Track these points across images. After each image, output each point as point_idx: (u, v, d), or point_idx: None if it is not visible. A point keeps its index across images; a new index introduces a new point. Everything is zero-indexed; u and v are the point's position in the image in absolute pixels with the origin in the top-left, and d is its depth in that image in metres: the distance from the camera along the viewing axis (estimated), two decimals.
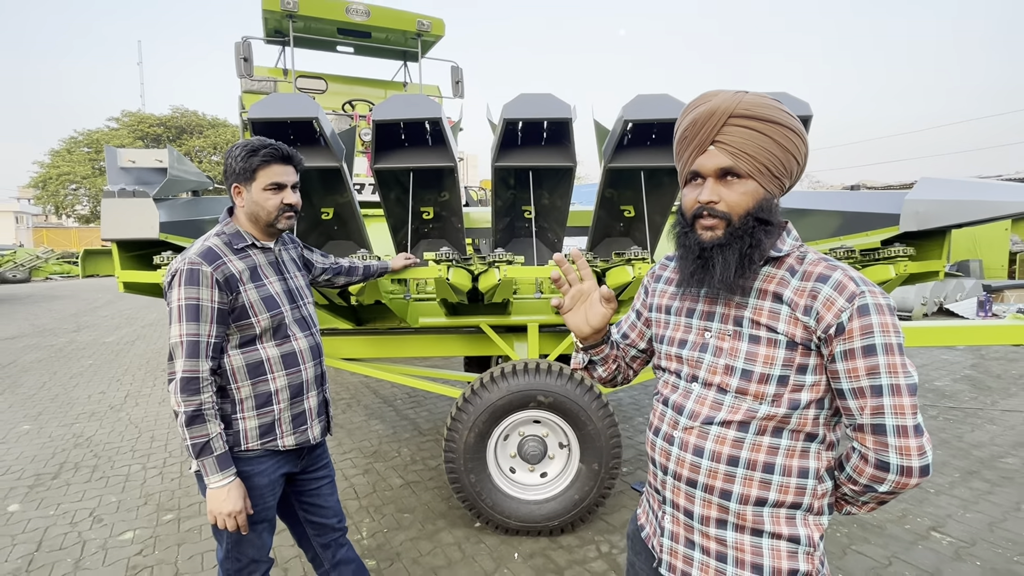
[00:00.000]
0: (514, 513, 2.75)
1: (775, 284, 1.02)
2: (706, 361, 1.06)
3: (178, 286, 1.49)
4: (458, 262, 2.45)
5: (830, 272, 0.98)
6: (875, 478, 0.98)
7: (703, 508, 1.05)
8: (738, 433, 1.01)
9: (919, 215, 2.44)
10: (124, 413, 4.95)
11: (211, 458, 1.48)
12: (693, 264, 1.02)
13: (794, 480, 1.01)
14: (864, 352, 0.94)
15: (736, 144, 0.98)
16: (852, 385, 0.96)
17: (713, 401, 1.04)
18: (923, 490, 3.27)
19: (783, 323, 0.99)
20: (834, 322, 0.95)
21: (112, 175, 2.72)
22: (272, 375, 1.61)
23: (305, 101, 2.23)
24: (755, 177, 0.99)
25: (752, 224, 0.98)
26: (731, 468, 1.02)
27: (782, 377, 0.99)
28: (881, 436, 0.96)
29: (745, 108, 0.98)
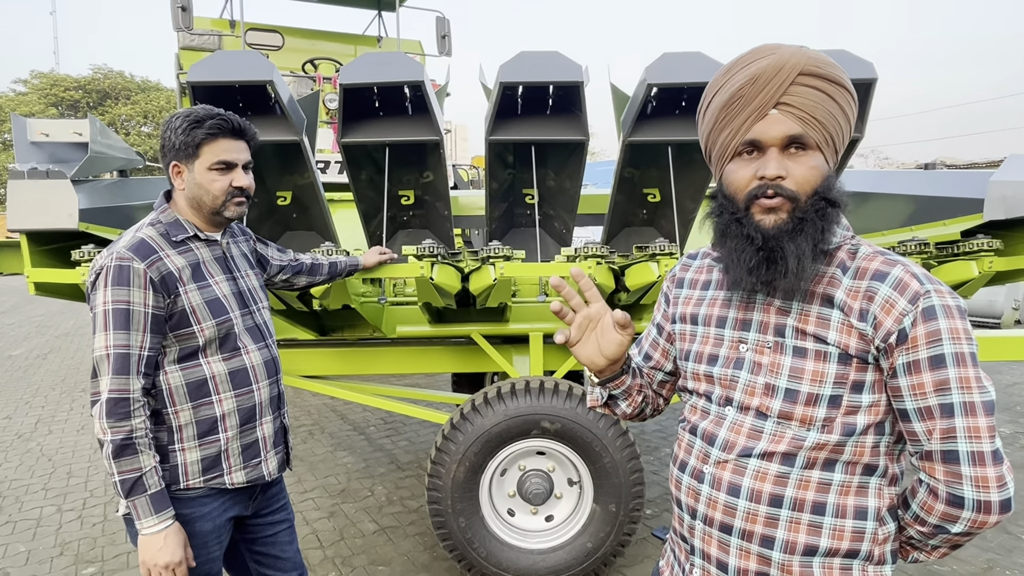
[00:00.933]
0: (513, 565, 2.76)
1: (824, 284, 1.02)
2: (742, 380, 1.07)
3: (104, 287, 1.49)
4: (444, 258, 2.46)
5: (889, 268, 0.98)
6: (947, 516, 0.98)
7: (740, 559, 1.05)
8: (782, 467, 1.01)
9: (1007, 200, 2.45)
10: (35, 443, 4.95)
11: (144, 497, 1.48)
12: (754, 258, 0.99)
13: (850, 522, 1.01)
14: (931, 364, 0.94)
15: (806, 108, 0.97)
16: (917, 404, 0.96)
17: (751, 429, 1.05)
18: (1013, 536, 3.28)
19: (834, 331, 0.99)
20: (895, 328, 0.95)
21: (21, 151, 2.72)
22: (218, 396, 1.61)
23: (257, 60, 2.24)
24: (822, 149, 1.00)
25: (822, 206, 0.98)
26: (774, 510, 1.02)
27: (834, 397, 0.99)
28: (953, 465, 0.95)
29: (816, 66, 0.98)
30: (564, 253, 2.46)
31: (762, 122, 0.99)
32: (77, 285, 2.45)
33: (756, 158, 1.01)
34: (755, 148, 1.01)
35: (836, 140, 1.01)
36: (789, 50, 0.99)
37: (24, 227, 2.39)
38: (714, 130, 1.05)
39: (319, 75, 6.10)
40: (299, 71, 6.26)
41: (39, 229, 2.41)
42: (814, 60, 0.98)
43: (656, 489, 3.91)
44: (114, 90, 30.44)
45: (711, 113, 1.06)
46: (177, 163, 1.61)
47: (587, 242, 2.50)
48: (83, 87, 29.91)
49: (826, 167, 1.00)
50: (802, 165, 0.98)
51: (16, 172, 2.40)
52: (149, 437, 1.51)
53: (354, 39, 7.12)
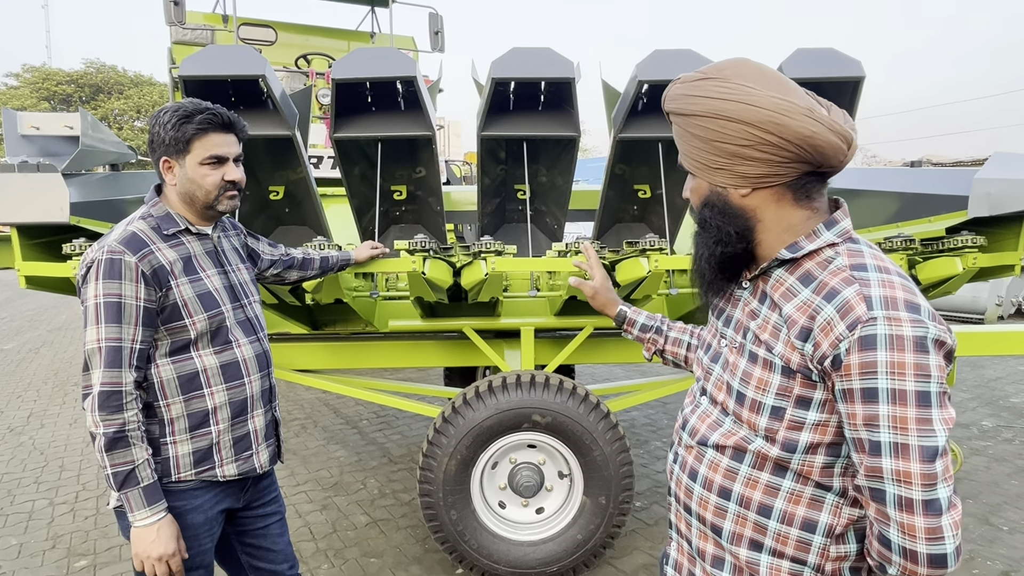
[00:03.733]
0: (504, 557, 2.76)
1: (780, 293, 1.02)
2: (715, 373, 1.13)
3: (95, 280, 1.48)
4: (436, 252, 2.46)
5: (843, 287, 0.92)
6: (882, 555, 0.92)
7: (700, 540, 1.12)
8: (732, 462, 1.05)
9: (991, 197, 2.47)
10: (27, 437, 4.92)
11: (136, 490, 1.48)
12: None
13: (795, 531, 1.00)
14: (863, 396, 0.88)
15: (678, 144, 1.08)
16: (851, 434, 0.92)
17: (713, 420, 1.10)
18: (994, 527, 3.32)
19: (781, 344, 0.98)
20: (830, 353, 0.90)
21: (11, 144, 2.70)
22: (210, 390, 1.61)
23: (249, 55, 2.22)
24: (698, 175, 1.07)
25: (706, 216, 1.06)
26: (722, 501, 1.06)
27: (776, 408, 0.98)
28: (880, 504, 0.90)
29: (671, 105, 1.06)
30: (555, 248, 2.46)
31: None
32: (68, 279, 2.43)
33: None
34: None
35: (709, 162, 1.02)
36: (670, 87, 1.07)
37: (14, 220, 2.37)
38: None
39: (312, 70, 6.07)
40: (292, 66, 6.23)
41: (29, 222, 2.38)
42: (670, 99, 1.06)
43: (645, 482, 3.93)
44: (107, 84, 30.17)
45: None
46: (167, 158, 1.60)
47: (578, 237, 2.50)
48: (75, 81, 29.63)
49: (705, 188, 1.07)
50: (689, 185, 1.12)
51: (6, 165, 2.37)
52: (141, 430, 1.50)
53: (347, 35, 7.08)
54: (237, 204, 1.68)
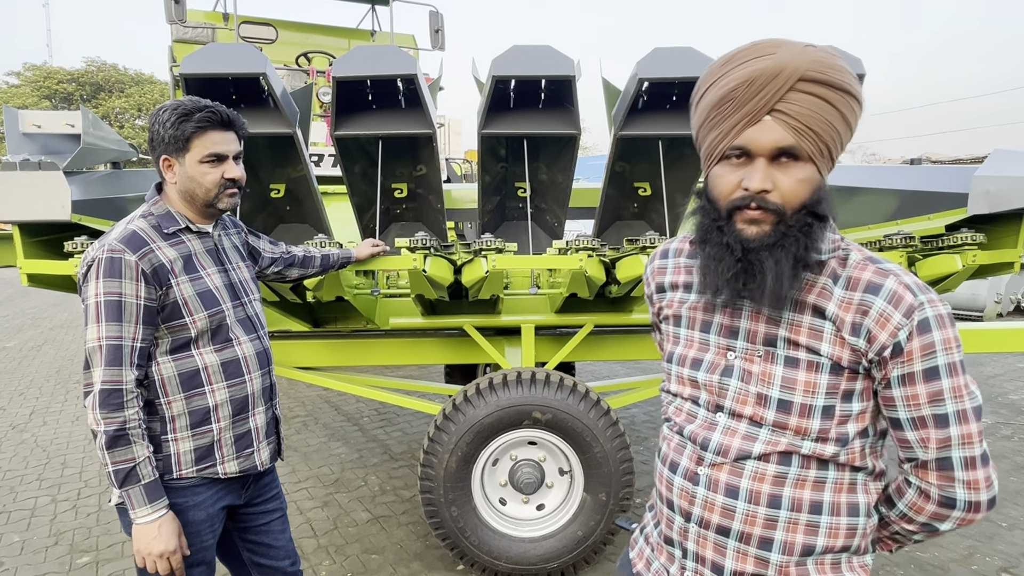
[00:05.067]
0: (504, 553, 2.77)
1: (815, 295, 0.99)
2: (732, 388, 1.04)
3: (95, 279, 1.48)
4: (437, 250, 2.45)
5: (881, 280, 0.95)
6: (937, 516, 1.01)
7: (737, 562, 1.03)
8: (779, 467, 1.00)
9: (991, 195, 2.47)
10: (29, 434, 4.92)
11: (138, 487, 1.48)
12: (732, 269, 0.96)
13: (844, 520, 1.01)
14: (926, 376, 0.94)
15: (802, 117, 0.90)
16: (912, 415, 0.97)
17: (745, 434, 1.02)
18: (993, 524, 3.32)
19: (827, 343, 0.97)
20: (890, 343, 0.94)
21: (12, 142, 2.70)
22: (211, 387, 1.60)
23: (250, 53, 2.22)
24: (815, 160, 0.93)
25: (808, 220, 0.93)
26: (773, 511, 1.00)
27: (827, 408, 0.98)
28: (947, 471, 0.97)
29: (820, 71, 0.90)
30: (556, 246, 2.46)
31: (753, 128, 0.92)
32: (70, 276, 2.43)
33: (744, 164, 0.94)
34: (744, 154, 0.94)
35: (833, 150, 0.95)
36: (792, 50, 0.91)
37: (16, 218, 2.37)
38: (703, 127, 0.99)
39: (313, 68, 6.07)
40: (293, 64, 6.22)
41: (31, 220, 2.38)
42: (818, 64, 0.90)
43: (645, 479, 3.93)
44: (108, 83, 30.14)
45: (702, 109, 0.99)
46: (167, 156, 1.59)
47: (578, 235, 2.50)
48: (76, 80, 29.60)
49: (818, 179, 0.95)
50: (791, 178, 0.93)
51: (8, 164, 2.37)
52: (142, 428, 1.50)
53: (348, 33, 7.07)
54: (237, 202, 1.68)
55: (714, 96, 0.96)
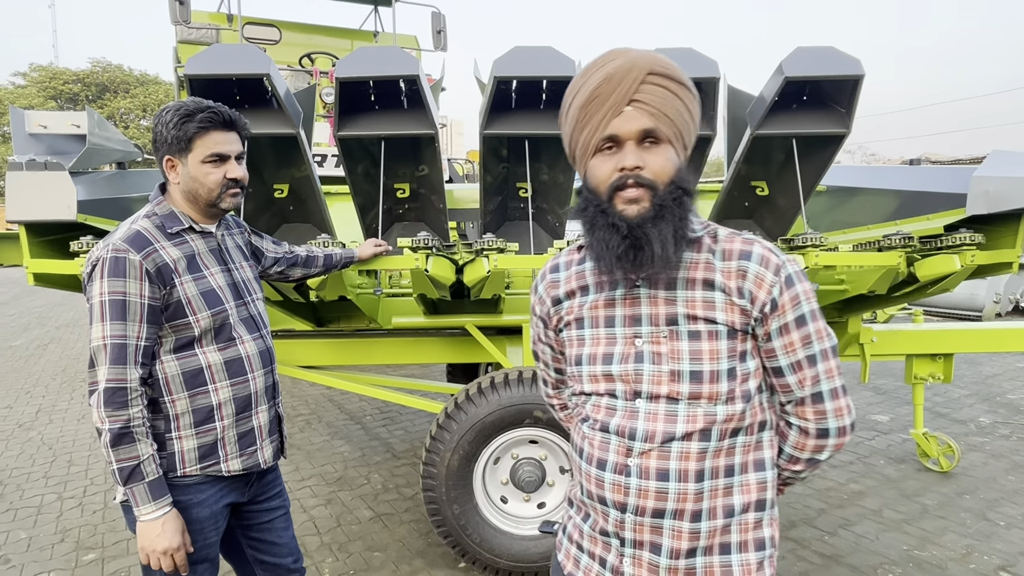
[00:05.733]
0: (506, 551, 2.77)
1: (702, 270, 1.10)
2: (646, 372, 1.10)
3: (100, 278, 1.48)
4: (439, 250, 2.46)
5: (749, 247, 1.09)
6: (817, 448, 1.15)
7: (673, 540, 1.09)
8: (702, 443, 1.08)
9: (989, 195, 2.46)
10: (35, 432, 4.93)
11: (142, 484, 1.48)
12: (621, 245, 1.04)
13: (753, 476, 1.12)
14: (797, 323, 1.09)
15: (656, 104, 1.04)
16: (790, 360, 1.10)
17: (666, 414, 1.09)
18: (991, 523, 3.32)
19: (721, 311, 1.08)
20: (767, 299, 1.07)
21: (19, 143, 2.70)
22: (214, 386, 1.61)
23: (254, 54, 2.22)
24: (673, 143, 1.07)
25: (679, 193, 1.05)
26: (699, 484, 1.08)
27: (730, 370, 1.08)
28: (820, 404, 1.12)
29: (661, 67, 1.05)
30: (557, 246, 2.46)
31: (618, 118, 1.04)
32: (76, 276, 2.44)
33: (615, 152, 1.06)
34: (614, 143, 1.06)
35: (685, 136, 1.09)
36: (637, 52, 1.07)
37: (23, 218, 2.37)
38: (576, 129, 1.09)
39: (316, 69, 6.07)
40: (296, 65, 6.23)
41: (38, 220, 2.39)
42: (660, 61, 1.06)
43: None
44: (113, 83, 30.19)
45: (572, 114, 1.10)
46: (170, 157, 1.59)
47: (579, 235, 2.50)
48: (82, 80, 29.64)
49: (678, 160, 1.08)
50: (658, 156, 1.05)
51: (15, 164, 2.37)
52: (146, 425, 1.50)
53: (351, 34, 7.08)
54: (240, 202, 1.68)
55: (581, 98, 1.08)
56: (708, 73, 2.34)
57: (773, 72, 2.44)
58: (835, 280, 3.03)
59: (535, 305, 1.30)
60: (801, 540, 3.17)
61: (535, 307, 1.30)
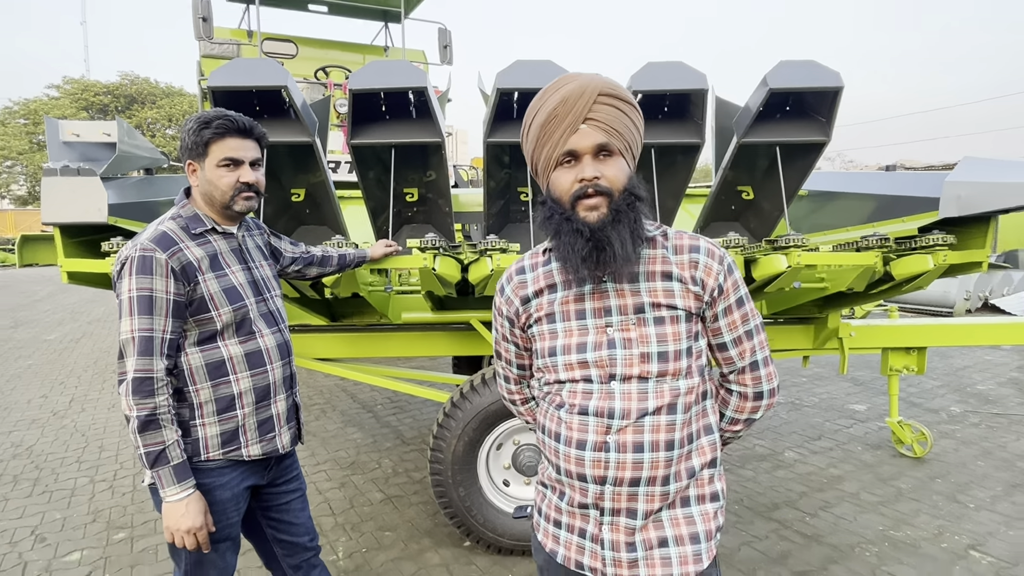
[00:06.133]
0: (508, 531, 2.77)
1: (660, 264, 1.19)
2: (619, 356, 1.16)
3: (128, 276, 1.49)
4: (446, 250, 2.45)
5: (696, 242, 1.20)
6: (754, 409, 1.28)
7: (647, 503, 1.16)
8: (670, 416, 1.16)
9: (961, 199, 2.45)
10: (69, 420, 4.94)
11: (167, 468, 1.48)
12: (585, 247, 1.10)
13: (706, 439, 1.22)
14: (737, 305, 1.21)
15: (608, 121, 1.11)
16: (733, 335, 1.22)
17: (639, 392, 1.16)
18: (962, 505, 3.32)
19: (680, 298, 1.17)
20: (715, 284, 1.18)
21: (53, 150, 2.70)
22: (235, 376, 1.61)
23: (273, 67, 2.22)
24: (623, 155, 1.14)
25: (631, 199, 1.12)
26: (668, 452, 1.16)
27: (688, 348, 1.17)
28: (756, 371, 1.25)
29: (610, 88, 1.12)
30: None
31: (575, 135, 1.11)
32: (107, 274, 2.44)
33: (574, 166, 1.12)
34: (572, 158, 1.12)
35: (633, 148, 1.17)
36: (588, 76, 1.13)
37: (57, 220, 2.37)
38: (537, 146, 1.16)
39: (330, 81, 6.07)
40: (312, 78, 6.23)
41: (71, 222, 2.38)
42: (608, 84, 1.13)
43: None
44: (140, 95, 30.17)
45: (533, 132, 1.16)
46: (191, 161, 1.61)
47: None
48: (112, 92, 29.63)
49: (629, 169, 1.15)
50: (611, 167, 1.12)
51: (50, 170, 2.37)
52: (172, 413, 1.51)
53: (363, 48, 7.07)
54: (254, 205, 1.67)
55: (540, 119, 1.14)
56: (697, 85, 2.34)
57: (758, 84, 2.44)
58: (816, 278, 3.02)
59: (501, 306, 1.32)
60: (784, 521, 3.17)
61: (501, 308, 1.32)
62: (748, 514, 3.25)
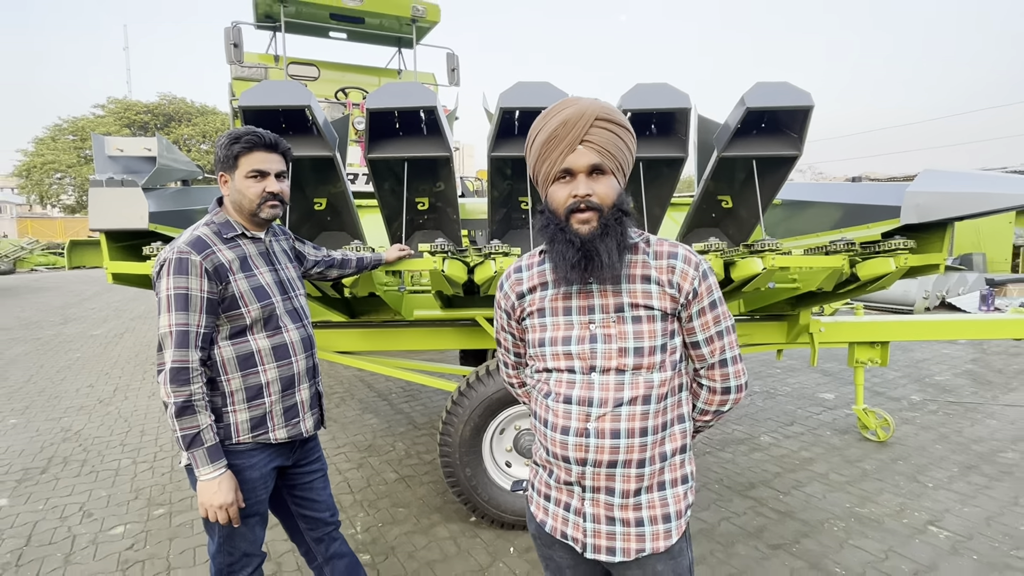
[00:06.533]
0: (510, 507, 2.77)
1: (640, 268, 1.20)
2: (599, 350, 1.18)
3: (167, 275, 1.49)
4: (453, 254, 2.46)
5: (675, 249, 1.20)
6: (722, 402, 1.28)
7: (624, 483, 1.18)
8: (644, 407, 1.17)
9: (920, 207, 2.45)
10: (113, 407, 4.96)
11: (201, 449, 1.49)
12: (576, 256, 1.13)
13: (678, 427, 1.23)
14: (711, 307, 1.21)
15: (602, 143, 1.12)
16: (706, 335, 1.23)
17: (616, 384, 1.17)
18: (921, 484, 3.31)
19: (656, 299, 1.18)
20: (691, 289, 1.19)
21: (100, 164, 2.71)
22: (263, 367, 1.61)
23: (297, 88, 2.22)
24: (615, 174, 1.15)
25: (619, 214, 1.14)
26: (643, 439, 1.18)
27: (663, 345, 1.18)
28: (724, 368, 1.25)
29: (607, 113, 1.14)
30: None
31: (572, 155, 1.12)
32: (147, 276, 2.44)
33: (569, 182, 1.14)
34: (568, 175, 1.14)
35: (624, 167, 1.18)
36: (586, 101, 1.15)
37: (103, 227, 2.38)
38: (538, 161, 1.17)
39: (349, 101, 6.07)
40: (333, 98, 6.23)
41: (116, 228, 2.39)
42: (605, 109, 1.14)
43: None
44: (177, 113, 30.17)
45: (535, 149, 1.17)
46: (223, 173, 1.62)
47: None
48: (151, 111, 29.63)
49: (619, 187, 1.16)
50: (603, 185, 1.14)
51: (96, 181, 2.38)
52: (205, 400, 1.51)
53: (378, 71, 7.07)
54: (279, 213, 1.67)
55: (542, 137, 1.15)
56: (681, 104, 2.34)
57: (736, 103, 2.44)
58: (789, 279, 3.02)
59: (500, 300, 1.35)
60: (760, 499, 3.17)
61: (500, 302, 1.35)
62: (727, 492, 3.25)
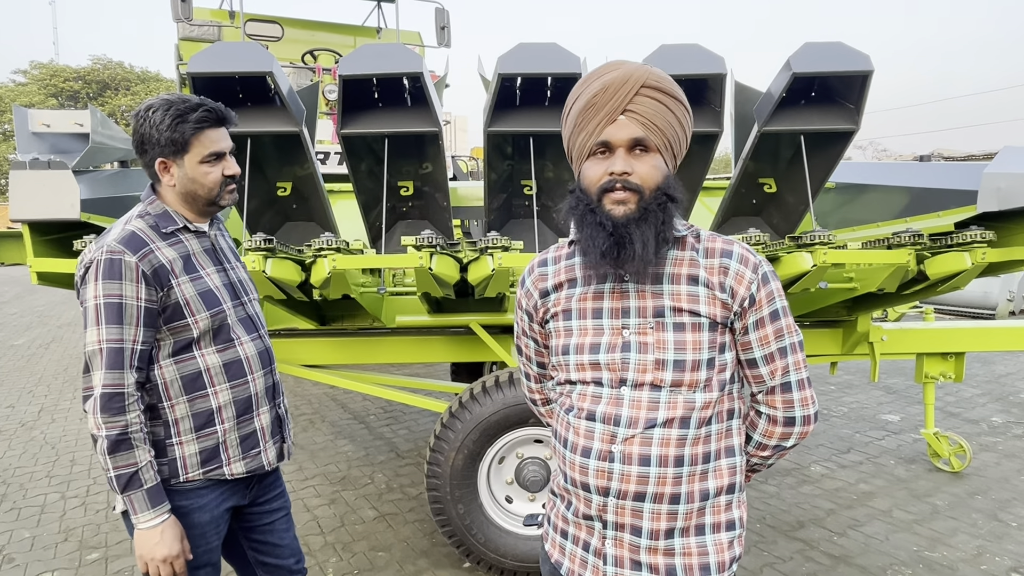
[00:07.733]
0: (511, 551, 2.77)
1: (687, 267, 1.19)
2: (632, 360, 1.17)
3: (94, 281, 1.46)
4: (443, 248, 2.45)
5: (729, 247, 1.19)
6: (784, 435, 1.24)
7: (652, 521, 1.16)
8: (681, 431, 1.15)
9: (1001, 192, 2.44)
10: (38, 431, 4.96)
11: (140, 492, 1.46)
12: (606, 242, 1.11)
13: (725, 462, 1.20)
14: (771, 318, 1.18)
15: (647, 115, 1.11)
16: (764, 352, 1.20)
17: (649, 402, 1.16)
18: (1003, 524, 3.30)
19: (704, 305, 1.16)
20: (747, 295, 1.16)
21: (22, 141, 2.71)
22: (213, 389, 1.60)
23: (257, 51, 2.23)
24: (662, 152, 1.14)
25: (663, 199, 1.13)
26: (678, 469, 1.15)
27: (710, 360, 1.16)
28: (788, 393, 1.21)
29: (656, 80, 1.12)
30: None
31: (612, 126, 1.12)
32: None
33: (607, 157, 1.13)
34: (606, 149, 1.13)
35: (674, 146, 1.16)
36: (633, 65, 1.14)
37: (26, 217, 2.38)
38: (573, 132, 1.17)
39: (319, 66, 6.08)
40: (299, 62, 6.23)
41: (41, 219, 2.39)
42: (654, 75, 1.13)
43: None
44: (114, 81, 30.28)
45: (571, 118, 1.18)
46: (164, 159, 1.54)
47: None
48: (83, 78, 29.75)
49: (666, 168, 1.15)
50: (645, 164, 1.12)
51: (18, 163, 2.38)
52: (144, 432, 1.48)
53: (353, 30, 7.08)
54: (237, 197, 1.67)
55: (580, 105, 1.15)
56: (714, 69, 2.34)
57: (781, 68, 2.43)
58: (844, 278, 3.01)
59: (521, 299, 1.36)
60: (809, 541, 3.16)
61: (521, 301, 1.36)
62: (771, 533, 3.25)
